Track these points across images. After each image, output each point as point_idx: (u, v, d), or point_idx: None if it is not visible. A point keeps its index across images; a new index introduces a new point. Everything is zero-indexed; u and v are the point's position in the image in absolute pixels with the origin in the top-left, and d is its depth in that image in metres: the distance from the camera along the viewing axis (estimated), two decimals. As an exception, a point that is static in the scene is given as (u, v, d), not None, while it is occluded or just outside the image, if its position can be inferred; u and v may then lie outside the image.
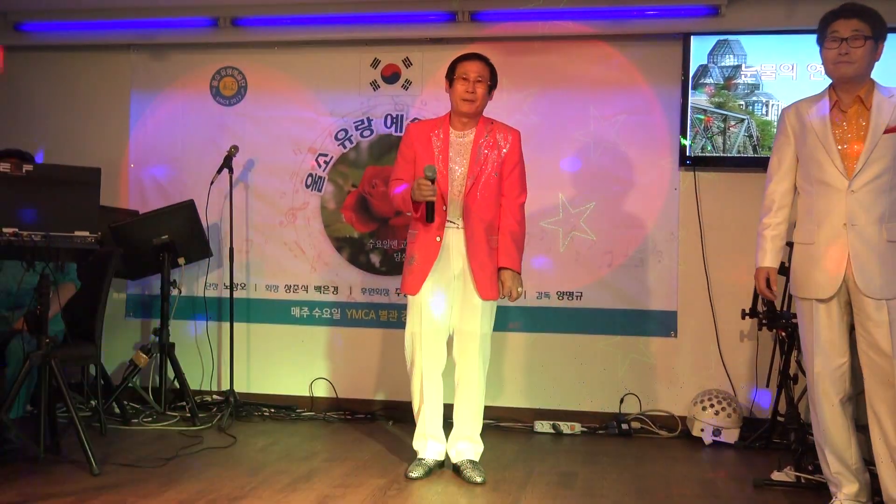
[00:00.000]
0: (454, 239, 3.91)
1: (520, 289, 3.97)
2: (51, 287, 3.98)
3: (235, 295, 5.42)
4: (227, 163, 5.33)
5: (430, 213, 3.82)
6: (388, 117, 5.49)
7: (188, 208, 5.18)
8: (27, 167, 3.89)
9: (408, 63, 5.46)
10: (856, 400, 3.42)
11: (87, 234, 3.91)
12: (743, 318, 4.72)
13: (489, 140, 3.94)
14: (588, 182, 5.25)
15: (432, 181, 3.77)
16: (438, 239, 3.89)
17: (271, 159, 5.59)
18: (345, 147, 5.53)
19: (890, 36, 3.41)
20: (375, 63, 5.51)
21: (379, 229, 5.48)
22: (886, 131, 3.26)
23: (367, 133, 5.51)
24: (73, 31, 5.68)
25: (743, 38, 5.03)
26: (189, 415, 5.02)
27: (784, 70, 4.99)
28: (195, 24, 5.52)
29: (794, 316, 4.30)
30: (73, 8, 5.55)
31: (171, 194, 5.60)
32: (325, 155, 5.55)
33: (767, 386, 4.81)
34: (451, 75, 3.96)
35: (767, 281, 3.53)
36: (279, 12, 5.41)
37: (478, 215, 3.89)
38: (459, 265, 3.91)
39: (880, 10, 3.34)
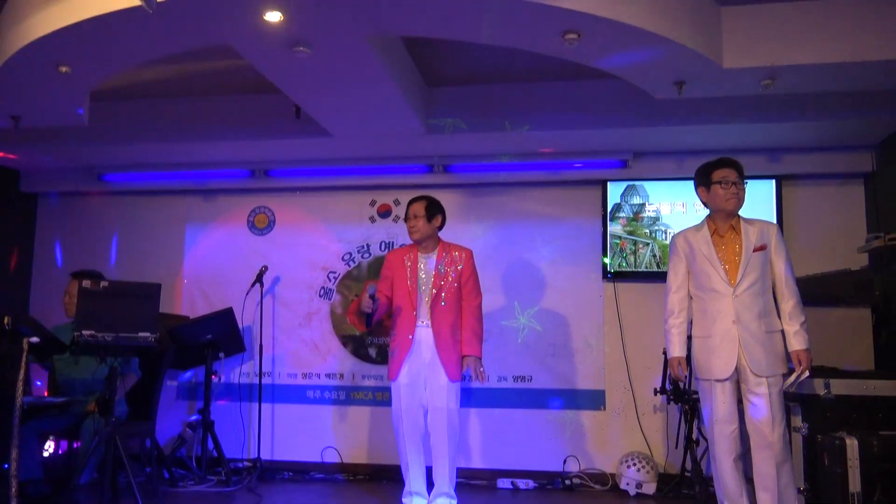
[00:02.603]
0: (424, 336, 3.92)
1: (481, 369, 3.94)
2: (118, 378, 3.89)
3: (263, 381, 5.33)
4: (259, 279, 5.34)
5: (367, 320, 3.96)
6: (382, 243, 5.53)
7: (228, 314, 5.14)
8: (104, 283, 3.87)
9: (397, 202, 5.54)
10: (744, 458, 3.38)
11: (148, 334, 3.86)
12: (655, 394, 4.69)
13: (448, 259, 4.00)
14: (535, 290, 5.27)
15: (372, 298, 3.85)
16: (410, 336, 3.91)
17: (293, 276, 5.58)
18: (349, 266, 5.54)
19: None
20: (373, 203, 5.58)
21: (375, 329, 5.43)
22: (755, 250, 3.34)
23: (366, 255, 5.54)
24: (143, 180, 5.74)
25: (646, 184, 5.17)
26: (224, 478, 4.83)
27: (677, 207, 5.12)
28: (237, 174, 5.60)
29: (695, 393, 4.28)
30: (144, 162, 5.61)
31: (215, 303, 5.55)
32: (334, 272, 5.55)
33: (676, 448, 4.73)
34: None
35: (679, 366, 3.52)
36: (301, 165, 5.50)
37: (443, 317, 3.91)
38: (429, 355, 3.90)
39: (747, 162, 3.50)
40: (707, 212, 3.53)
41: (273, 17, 3.16)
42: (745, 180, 3.43)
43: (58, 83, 3.88)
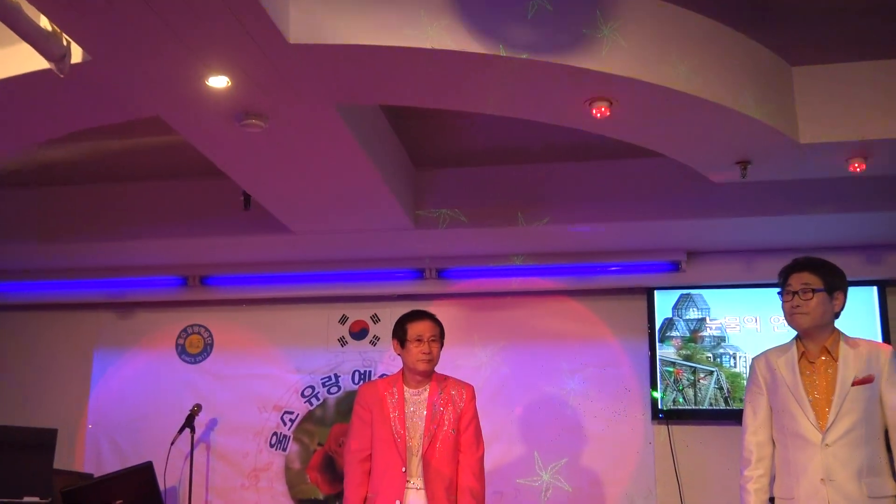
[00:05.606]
0: (415, 502, 3.80)
1: None
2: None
3: (191, 565, 5.17)
4: (189, 422, 5.27)
5: None
6: (356, 373, 5.50)
7: (145, 471, 5.03)
8: (-20, 429, 3.81)
9: (376, 319, 5.55)
10: None
11: (37, 499, 3.78)
12: (730, 580, 4.54)
13: (444, 397, 3.94)
14: (561, 436, 5.20)
15: None
16: (398, 503, 3.79)
17: (235, 418, 5.52)
18: (311, 404, 5.50)
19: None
20: (343, 319, 5.60)
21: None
22: (854, 383, 3.27)
23: (334, 389, 5.50)
24: (39, 290, 5.76)
25: (705, 292, 5.20)
26: None
27: (748, 322, 5.12)
28: (164, 283, 5.65)
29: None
30: (41, 268, 5.64)
31: (129, 456, 5.46)
32: (291, 412, 5.49)
33: None
34: (401, 335, 3.99)
35: None
36: (248, 271, 5.55)
37: (438, 472, 3.81)
38: None
39: (840, 263, 3.39)
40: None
41: (218, 82, 3.24)
42: (833, 287, 3.38)
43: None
